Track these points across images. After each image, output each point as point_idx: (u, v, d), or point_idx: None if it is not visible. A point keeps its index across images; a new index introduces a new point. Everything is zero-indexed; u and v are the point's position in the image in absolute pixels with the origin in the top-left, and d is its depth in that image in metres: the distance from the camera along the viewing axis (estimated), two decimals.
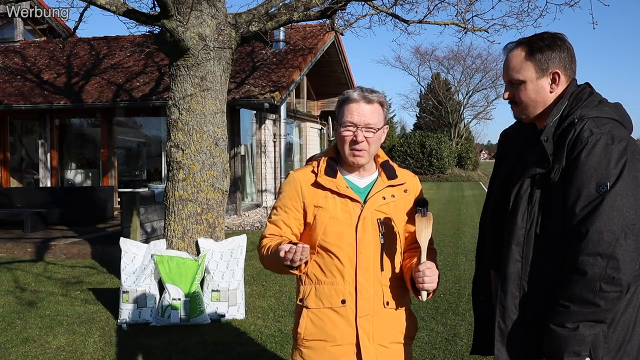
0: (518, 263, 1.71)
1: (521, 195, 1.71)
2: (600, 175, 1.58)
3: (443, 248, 8.33)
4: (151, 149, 14.13)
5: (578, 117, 1.67)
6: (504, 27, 7.41)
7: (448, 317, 4.82)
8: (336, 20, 7.53)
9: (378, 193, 1.90)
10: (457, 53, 37.75)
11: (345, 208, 1.87)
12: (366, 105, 1.86)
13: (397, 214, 1.92)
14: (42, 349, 4.19)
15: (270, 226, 1.95)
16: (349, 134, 1.85)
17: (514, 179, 1.78)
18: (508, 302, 1.73)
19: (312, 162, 1.98)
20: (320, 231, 1.86)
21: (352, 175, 1.94)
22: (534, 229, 1.69)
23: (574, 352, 1.59)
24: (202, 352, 4.11)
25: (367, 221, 1.86)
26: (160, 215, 7.19)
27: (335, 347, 1.84)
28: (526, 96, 1.79)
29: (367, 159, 1.90)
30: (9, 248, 7.96)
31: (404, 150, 32.55)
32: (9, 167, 13.31)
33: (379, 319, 1.86)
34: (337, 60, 16.21)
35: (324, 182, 1.88)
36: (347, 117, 1.85)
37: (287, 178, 1.98)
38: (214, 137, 5.23)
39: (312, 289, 1.89)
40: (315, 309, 1.87)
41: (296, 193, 1.91)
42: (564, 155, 1.65)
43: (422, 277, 1.77)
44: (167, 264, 4.71)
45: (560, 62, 1.76)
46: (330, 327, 1.85)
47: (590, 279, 1.54)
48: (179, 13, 5.08)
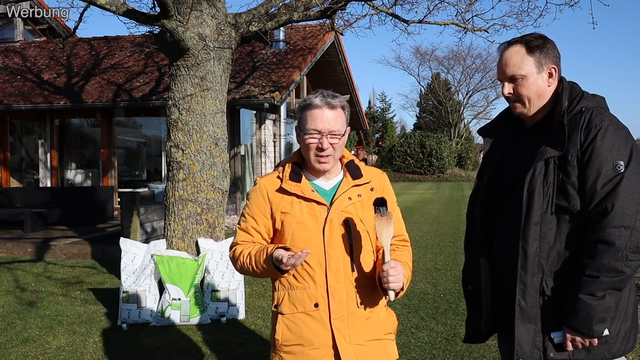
0: (536, 242, 1.81)
1: (536, 178, 1.81)
2: (614, 156, 1.74)
3: (443, 248, 8.33)
4: (151, 149, 14.13)
5: (585, 106, 1.83)
6: (504, 27, 7.41)
7: (448, 317, 4.82)
8: (336, 20, 7.52)
9: (344, 194, 1.89)
10: (457, 53, 37.84)
11: (311, 212, 1.87)
12: (330, 112, 1.85)
13: (365, 213, 1.90)
14: (42, 349, 4.19)
15: (241, 233, 1.96)
16: (314, 142, 1.85)
17: (520, 165, 1.88)
18: (528, 280, 1.82)
19: (278, 168, 1.98)
20: (288, 237, 1.87)
21: (317, 178, 1.94)
22: (550, 209, 1.80)
23: (600, 320, 1.73)
24: (202, 352, 4.11)
25: (334, 223, 1.86)
26: (160, 215, 7.19)
27: (313, 351, 1.85)
28: (528, 90, 1.89)
29: (333, 163, 1.90)
30: (9, 248, 7.96)
31: (404, 150, 32.54)
32: (9, 167, 13.30)
33: (354, 319, 1.87)
34: (337, 60, 16.22)
35: (288, 188, 1.89)
36: (311, 124, 1.84)
37: (254, 185, 1.98)
38: (214, 137, 5.23)
39: (286, 295, 1.89)
40: (289, 314, 1.88)
41: (263, 199, 1.92)
42: (578, 139, 1.78)
43: (386, 276, 1.76)
44: (167, 264, 4.71)
45: (554, 59, 1.90)
46: (306, 332, 1.85)
47: (618, 249, 1.69)
48: (179, 13, 5.08)
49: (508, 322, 1.91)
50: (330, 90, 1.93)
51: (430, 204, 16.20)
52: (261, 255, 1.84)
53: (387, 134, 40.20)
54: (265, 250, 1.84)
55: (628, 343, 1.84)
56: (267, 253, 1.81)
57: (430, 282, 6.15)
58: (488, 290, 2.02)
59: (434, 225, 11.06)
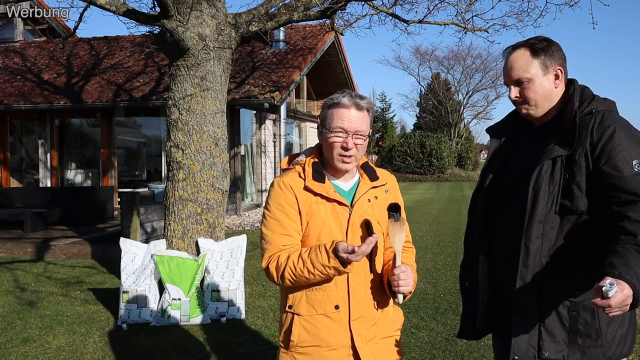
0: (539, 239, 1.81)
1: (543, 176, 1.81)
2: (632, 154, 1.74)
3: (443, 248, 8.33)
4: (151, 149, 14.13)
5: (595, 108, 1.84)
6: (504, 27, 7.41)
7: (448, 317, 4.82)
8: (336, 20, 7.52)
9: (364, 196, 1.89)
10: (457, 53, 37.80)
11: (334, 213, 1.85)
12: (357, 112, 1.83)
13: (380, 214, 1.91)
14: (42, 349, 4.19)
15: (279, 238, 1.83)
16: (339, 140, 1.83)
17: (525, 164, 1.88)
18: (528, 277, 1.82)
19: (295, 167, 1.94)
20: (314, 238, 1.84)
21: (337, 178, 1.93)
22: (554, 208, 1.80)
23: None
24: (202, 352, 4.11)
25: (356, 226, 1.86)
26: (160, 215, 7.19)
27: (330, 352, 1.84)
28: (534, 93, 1.90)
29: (354, 164, 1.89)
30: (9, 248, 7.96)
31: (404, 150, 32.53)
32: (9, 167, 13.31)
33: (370, 320, 1.88)
34: (337, 60, 16.23)
35: (314, 188, 1.85)
36: (338, 122, 1.82)
37: (275, 185, 1.88)
38: (214, 137, 5.23)
39: (303, 296, 1.86)
40: (307, 316, 1.85)
41: (293, 198, 1.85)
42: (588, 139, 1.78)
43: (397, 280, 1.78)
44: (167, 264, 4.71)
45: (559, 61, 1.91)
46: (324, 333, 1.84)
47: None
48: (179, 13, 5.08)
49: (504, 320, 1.91)
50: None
51: (430, 204, 16.19)
52: (318, 254, 1.73)
53: (387, 134, 40.18)
54: (319, 248, 1.74)
55: (624, 348, 1.83)
56: (327, 249, 1.72)
57: (430, 282, 6.15)
58: (485, 288, 2.03)
59: (434, 225, 11.06)
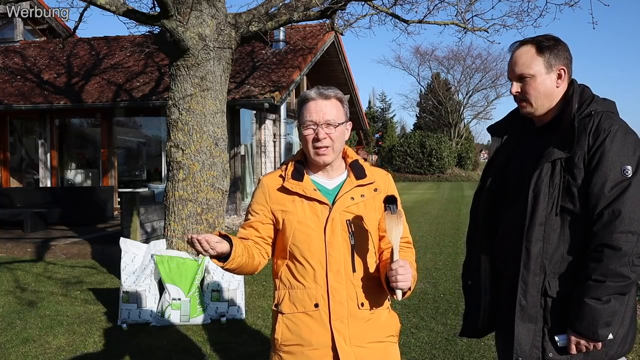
0: (540, 242, 1.82)
1: (542, 178, 1.81)
2: (622, 160, 1.74)
3: (443, 248, 8.33)
4: (151, 149, 14.12)
5: (594, 110, 1.83)
6: (504, 27, 7.41)
7: (448, 317, 4.82)
8: (336, 20, 7.52)
9: (346, 194, 1.88)
10: (457, 53, 37.84)
11: (313, 211, 1.86)
12: (323, 102, 1.86)
13: (368, 213, 1.90)
14: (42, 349, 4.19)
15: (240, 230, 1.98)
16: (311, 133, 1.85)
17: (526, 165, 1.89)
18: (530, 280, 1.82)
19: (282, 167, 1.98)
20: (289, 236, 1.86)
21: (321, 176, 1.93)
22: (554, 211, 1.81)
23: (605, 324, 1.74)
24: (202, 352, 4.11)
25: (336, 223, 1.85)
26: (160, 215, 7.19)
27: (313, 351, 1.83)
28: (535, 90, 1.89)
29: (333, 156, 1.89)
30: (9, 248, 7.95)
31: (404, 150, 32.53)
32: (9, 167, 13.30)
33: (355, 321, 1.85)
34: (337, 60, 16.22)
35: (290, 187, 1.88)
36: (307, 116, 1.86)
37: (258, 183, 1.99)
38: (214, 137, 5.23)
39: (286, 294, 1.88)
40: (289, 314, 1.87)
41: (264, 197, 1.93)
42: (586, 142, 1.78)
43: (395, 275, 1.73)
44: (167, 264, 4.71)
45: (564, 61, 1.90)
46: (305, 332, 1.84)
47: (624, 254, 1.70)
48: (179, 13, 5.08)
49: (506, 320, 1.91)
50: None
51: (430, 204, 16.19)
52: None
53: (387, 134, 40.17)
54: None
55: (625, 345, 1.85)
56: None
57: (430, 282, 6.15)
58: (488, 287, 2.04)
59: (434, 225, 11.06)
